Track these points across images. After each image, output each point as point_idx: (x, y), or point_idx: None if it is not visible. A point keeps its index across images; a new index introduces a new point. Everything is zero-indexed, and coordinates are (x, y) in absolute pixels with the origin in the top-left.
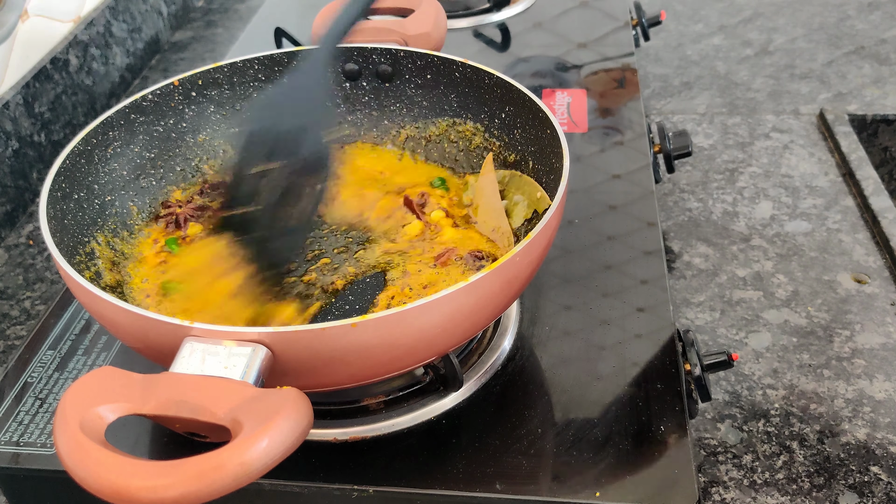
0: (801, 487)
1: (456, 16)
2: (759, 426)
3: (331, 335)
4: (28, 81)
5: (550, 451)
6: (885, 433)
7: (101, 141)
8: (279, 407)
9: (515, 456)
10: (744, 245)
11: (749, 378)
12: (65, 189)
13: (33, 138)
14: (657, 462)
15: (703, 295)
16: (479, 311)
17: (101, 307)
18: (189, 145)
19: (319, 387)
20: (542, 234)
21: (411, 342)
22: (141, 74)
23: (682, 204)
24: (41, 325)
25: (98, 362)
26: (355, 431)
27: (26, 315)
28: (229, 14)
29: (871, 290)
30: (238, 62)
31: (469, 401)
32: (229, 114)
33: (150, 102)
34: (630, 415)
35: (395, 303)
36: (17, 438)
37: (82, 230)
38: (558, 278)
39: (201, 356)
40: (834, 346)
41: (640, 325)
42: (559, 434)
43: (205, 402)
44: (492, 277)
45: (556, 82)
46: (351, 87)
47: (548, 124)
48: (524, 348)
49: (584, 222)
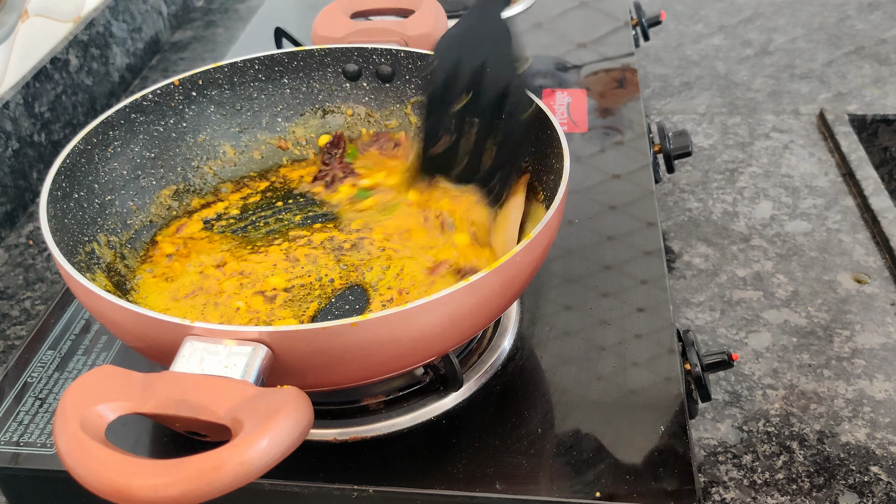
0: (801, 487)
1: (456, 15)
2: (759, 426)
3: (331, 334)
4: (28, 81)
5: (550, 451)
6: (885, 433)
7: (101, 140)
8: (280, 406)
9: (515, 456)
10: (744, 245)
11: (749, 378)
12: (65, 188)
13: (33, 138)
14: (657, 462)
15: (703, 295)
16: (480, 311)
17: (101, 306)
18: (189, 145)
19: (320, 386)
20: (542, 234)
21: (411, 342)
22: (141, 74)
23: (682, 204)
24: (41, 324)
25: (98, 362)
26: (355, 431)
27: (26, 315)
28: (229, 14)
29: (871, 290)
30: (238, 62)
31: (469, 401)
32: (229, 114)
33: (150, 102)
34: (630, 415)
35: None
36: (18, 438)
37: (82, 230)
38: (558, 278)
39: (201, 355)
40: (834, 346)
41: (640, 325)
42: (559, 434)
43: (205, 401)
44: (492, 277)
45: (555, 82)
46: (351, 87)
47: (548, 125)
48: (524, 348)
49: (583, 222)
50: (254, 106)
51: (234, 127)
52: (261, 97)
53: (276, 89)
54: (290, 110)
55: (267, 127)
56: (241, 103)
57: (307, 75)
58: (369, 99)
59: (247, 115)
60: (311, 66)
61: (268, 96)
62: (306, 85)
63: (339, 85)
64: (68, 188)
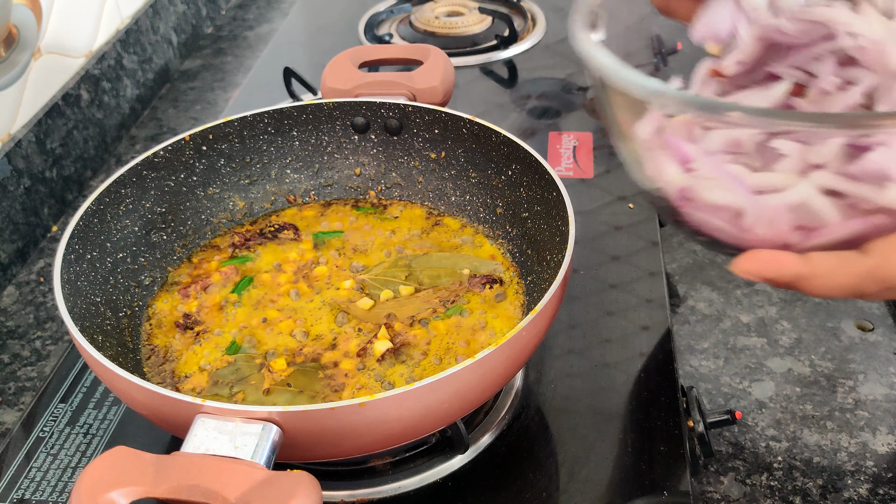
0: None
1: (463, 53)
2: (762, 479)
3: (340, 414)
4: (41, 119)
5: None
6: (887, 488)
7: (113, 199)
8: (291, 493)
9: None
10: (748, 290)
11: (752, 429)
12: (78, 251)
13: (45, 174)
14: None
15: (707, 341)
16: (486, 384)
17: (115, 380)
18: (199, 198)
19: (328, 457)
20: (547, 306)
21: (419, 417)
22: (150, 104)
23: (688, 245)
24: (52, 375)
25: (109, 416)
26: (363, 494)
27: (37, 356)
28: (238, 42)
29: (874, 338)
30: (248, 116)
31: (475, 462)
32: (239, 166)
33: (161, 158)
34: (634, 477)
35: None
36: (30, 496)
37: (95, 290)
38: (560, 349)
39: (212, 434)
40: (837, 397)
41: (645, 386)
42: (565, 497)
43: (216, 486)
44: (497, 353)
45: (562, 123)
46: (360, 140)
47: (553, 186)
48: (530, 407)
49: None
50: (263, 158)
51: (243, 179)
52: (270, 149)
53: (286, 141)
54: (298, 162)
55: (276, 179)
56: (251, 156)
57: (316, 128)
58: (377, 151)
59: (256, 167)
60: (320, 118)
61: (277, 148)
62: (315, 137)
63: (348, 137)
64: (81, 249)
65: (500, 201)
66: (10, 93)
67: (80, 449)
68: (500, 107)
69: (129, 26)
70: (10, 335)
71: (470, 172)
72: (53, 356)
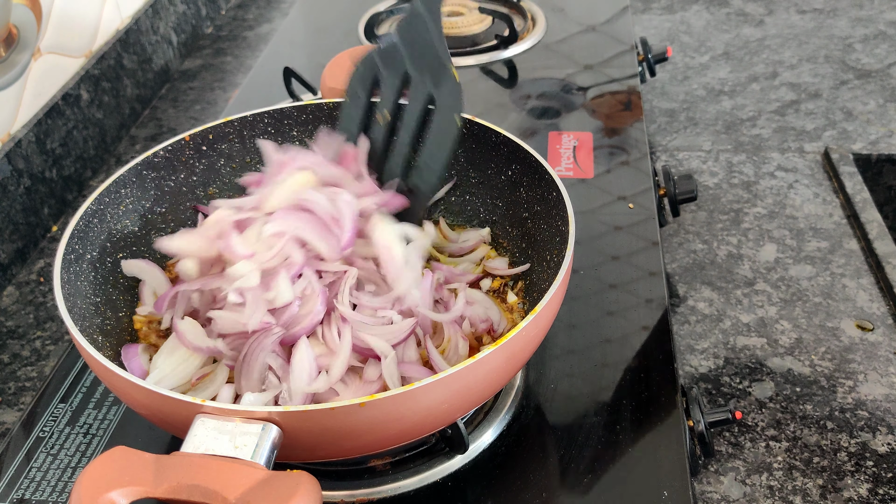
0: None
1: (463, 53)
2: (761, 479)
3: (340, 414)
4: (41, 119)
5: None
6: (886, 489)
7: (113, 199)
8: (291, 493)
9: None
10: (748, 290)
11: (752, 429)
12: (78, 251)
13: (45, 174)
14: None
15: (707, 341)
16: (486, 383)
17: (115, 380)
18: (199, 198)
19: (328, 458)
20: (546, 308)
21: (419, 417)
22: (150, 104)
23: (687, 245)
24: (52, 375)
25: (109, 416)
26: (362, 494)
27: (37, 355)
28: (238, 42)
29: (874, 337)
30: (248, 116)
31: (475, 462)
32: (239, 167)
33: (161, 158)
34: (634, 477)
35: None
36: (30, 496)
37: (95, 290)
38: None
39: (212, 433)
40: (837, 398)
41: (645, 386)
42: (565, 498)
43: (216, 486)
44: (498, 353)
45: (562, 123)
46: None
47: (553, 186)
48: (529, 406)
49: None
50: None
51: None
52: None
53: (286, 141)
54: None
55: None
56: (250, 156)
57: (316, 128)
58: None
59: (256, 167)
60: (319, 118)
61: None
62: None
63: None
64: (81, 250)
65: (500, 201)
66: (10, 93)
67: (80, 449)
68: (500, 107)
69: (129, 26)
70: (10, 335)
71: (470, 172)
72: (53, 356)
